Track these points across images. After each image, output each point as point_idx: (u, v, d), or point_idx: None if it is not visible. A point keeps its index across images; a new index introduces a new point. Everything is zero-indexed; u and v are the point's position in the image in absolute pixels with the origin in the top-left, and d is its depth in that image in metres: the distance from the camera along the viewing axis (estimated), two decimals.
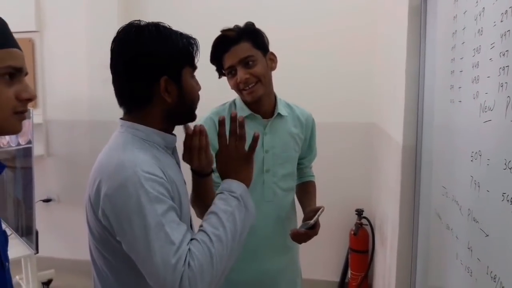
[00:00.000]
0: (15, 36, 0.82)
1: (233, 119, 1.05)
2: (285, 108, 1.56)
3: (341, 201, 3.10)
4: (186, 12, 3.17)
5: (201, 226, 0.93)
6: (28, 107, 0.84)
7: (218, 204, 0.96)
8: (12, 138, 2.89)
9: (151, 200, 0.86)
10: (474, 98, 0.99)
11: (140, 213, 0.85)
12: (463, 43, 1.12)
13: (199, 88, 1.07)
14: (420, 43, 1.58)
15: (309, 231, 1.39)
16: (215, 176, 1.40)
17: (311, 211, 1.46)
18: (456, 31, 1.19)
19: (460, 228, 1.09)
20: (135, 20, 0.98)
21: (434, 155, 1.46)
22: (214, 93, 1.68)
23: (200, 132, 1.12)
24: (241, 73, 1.38)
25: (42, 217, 2.89)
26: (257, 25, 1.44)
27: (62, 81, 3.39)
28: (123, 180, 0.86)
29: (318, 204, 1.58)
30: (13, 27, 0.82)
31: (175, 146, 1.11)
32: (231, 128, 1.05)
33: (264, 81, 1.42)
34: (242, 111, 1.48)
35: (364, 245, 2.94)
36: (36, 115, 3.33)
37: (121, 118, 1.02)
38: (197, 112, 1.09)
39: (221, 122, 1.06)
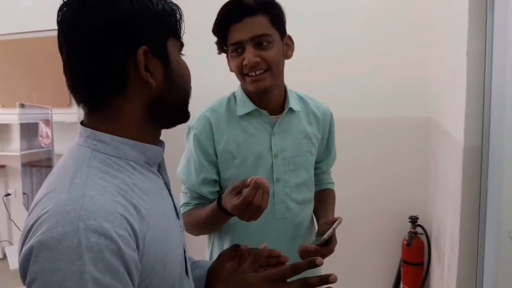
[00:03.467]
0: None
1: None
2: (297, 102, 1.26)
3: (393, 206, 2.76)
4: None
5: None
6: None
7: None
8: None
9: (86, 283, 0.55)
10: None
11: None
12: None
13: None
14: (486, 14, 1.22)
15: (321, 248, 1.09)
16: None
17: (325, 223, 1.15)
18: None
19: None
20: None
21: (506, 160, 1.11)
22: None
23: (263, 187, 0.91)
24: (250, 54, 1.09)
25: None
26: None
27: None
28: (56, 240, 0.56)
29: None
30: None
31: (163, 160, 0.79)
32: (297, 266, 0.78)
33: (276, 70, 1.14)
34: (244, 106, 1.20)
35: (419, 257, 2.58)
36: (71, 113, 3.28)
37: (81, 123, 0.71)
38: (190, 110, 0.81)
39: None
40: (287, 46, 1.18)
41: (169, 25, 0.71)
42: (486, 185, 1.30)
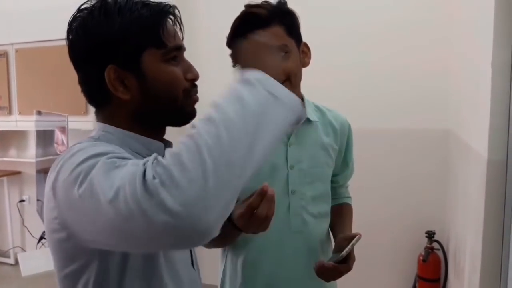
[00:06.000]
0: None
1: None
2: (315, 112, 1.23)
3: (409, 221, 2.71)
4: None
5: None
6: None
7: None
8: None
9: (103, 159, 0.62)
10: None
11: (89, 169, 0.61)
12: None
13: (193, 76, 0.78)
14: None
15: (339, 265, 1.06)
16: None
17: (343, 239, 1.11)
18: None
19: None
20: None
21: None
22: None
23: (271, 199, 0.86)
24: None
25: None
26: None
27: None
28: (71, 154, 0.66)
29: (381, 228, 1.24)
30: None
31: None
32: None
33: (294, 81, 1.10)
34: None
35: (435, 273, 2.52)
36: (87, 121, 3.31)
37: (97, 120, 0.81)
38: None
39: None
40: (304, 54, 1.14)
41: (144, 37, 0.72)
42: (511, 201, 1.26)
